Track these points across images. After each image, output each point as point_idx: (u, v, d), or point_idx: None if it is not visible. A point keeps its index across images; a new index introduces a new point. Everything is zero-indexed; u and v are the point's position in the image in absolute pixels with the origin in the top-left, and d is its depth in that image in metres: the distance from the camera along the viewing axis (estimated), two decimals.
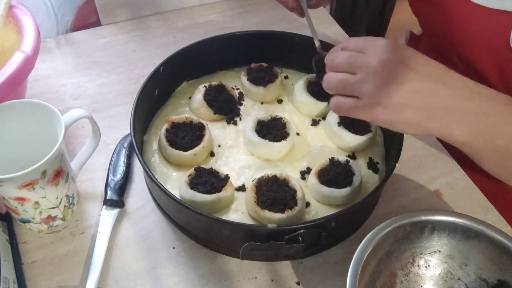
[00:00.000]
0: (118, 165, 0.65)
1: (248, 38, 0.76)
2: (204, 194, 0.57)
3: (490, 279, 0.52)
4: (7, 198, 0.53)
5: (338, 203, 0.61)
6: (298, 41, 0.75)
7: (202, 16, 0.94)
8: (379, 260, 0.51)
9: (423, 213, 0.52)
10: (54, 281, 0.55)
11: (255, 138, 0.64)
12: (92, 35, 0.88)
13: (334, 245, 0.60)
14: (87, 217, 0.61)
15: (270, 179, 0.59)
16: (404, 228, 0.51)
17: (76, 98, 0.77)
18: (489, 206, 0.65)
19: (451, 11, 0.65)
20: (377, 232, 0.50)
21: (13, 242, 0.58)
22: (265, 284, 0.56)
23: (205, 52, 0.74)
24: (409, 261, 0.54)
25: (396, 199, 0.65)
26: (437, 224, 0.52)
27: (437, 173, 0.68)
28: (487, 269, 0.52)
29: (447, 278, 0.54)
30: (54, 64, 0.82)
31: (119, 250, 0.59)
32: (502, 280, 0.51)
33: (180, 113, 0.70)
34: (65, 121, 0.54)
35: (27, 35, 0.62)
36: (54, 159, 0.52)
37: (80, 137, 0.70)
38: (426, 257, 0.54)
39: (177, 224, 0.60)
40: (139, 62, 0.83)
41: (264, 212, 0.56)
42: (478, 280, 0.52)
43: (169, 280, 0.56)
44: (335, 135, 0.67)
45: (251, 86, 0.72)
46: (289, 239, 0.52)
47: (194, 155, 0.63)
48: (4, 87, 0.56)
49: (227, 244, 0.57)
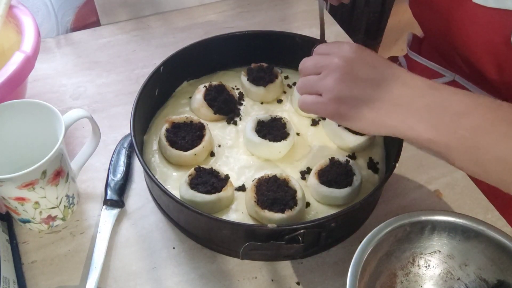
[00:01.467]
0: (118, 165, 0.65)
1: (248, 38, 0.75)
2: (204, 194, 0.57)
3: (490, 279, 0.52)
4: (7, 198, 0.53)
5: (338, 203, 0.61)
6: (298, 41, 0.75)
7: (202, 16, 0.94)
8: (379, 260, 0.51)
9: (423, 213, 0.52)
10: (54, 281, 0.55)
11: (255, 138, 0.64)
12: (92, 35, 0.88)
13: (334, 245, 0.60)
14: (87, 217, 0.61)
15: (270, 179, 0.59)
16: (404, 228, 0.51)
17: (76, 98, 0.77)
18: (489, 206, 0.65)
19: (451, 12, 0.65)
20: (377, 232, 0.50)
21: (13, 242, 0.58)
22: (265, 284, 0.56)
23: (205, 52, 0.74)
24: (409, 261, 0.54)
25: (396, 199, 0.65)
26: (437, 224, 0.52)
27: (437, 173, 0.68)
28: (487, 269, 0.52)
29: (447, 278, 0.54)
30: (54, 64, 0.82)
31: (119, 250, 0.59)
32: (502, 280, 0.51)
33: (180, 113, 0.70)
34: (65, 121, 0.54)
35: (27, 35, 0.62)
36: (54, 159, 0.52)
37: (80, 137, 0.70)
38: (426, 257, 0.54)
39: (177, 224, 0.60)
40: (139, 62, 0.83)
41: (264, 212, 0.56)
42: (478, 280, 0.52)
43: (169, 280, 0.56)
44: (335, 135, 0.67)
45: (251, 86, 0.72)
46: (289, 239, 0.52)
47: (194, 155, 0.63)
48: (4, 87, 0.56)
49: (227, 244, 0.57)
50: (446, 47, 0.73)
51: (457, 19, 0.65)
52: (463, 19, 0.64)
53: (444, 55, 0.77)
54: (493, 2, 0.59)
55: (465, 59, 0.68)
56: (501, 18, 0.59)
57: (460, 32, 0.65)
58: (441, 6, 0.67)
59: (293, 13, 0.96)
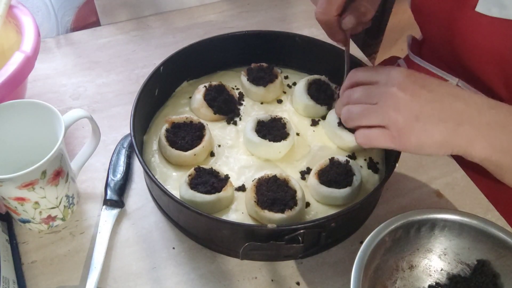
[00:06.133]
0: (118, 165, 0.65)
1: (248, 38, 0.75)
2: (204, 194, 0.57)
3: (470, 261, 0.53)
4: (7, 198, 0.53)
5: (338, 203, 0.61)
6: (298, 41, 0.75)
7: (202, 16, 0.94)
8: (381, 257, 0.51)
9: (421, 212, 0.52)
10: (54, 281, 0.55)
11: (255, 138, 0.64)
12: (92, 35, 0.88)
13: (334, 245, 0.60)
14: (87, 217, 0.61)
15: (270, 179, 0.59)
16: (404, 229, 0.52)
17: (76, 98, 0.77)
18: (489, 206, 0.65)
19: (454, 20, 0.65)
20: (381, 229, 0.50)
21: (13, 242, 0.58)
22: (265, 284, 0.56)
23: (205, 52, 0.74)
24: (409, 260, 0.54)
25: (396, 199, 0.65)
26: (436, 223, 0.52)
27: (437, 173, 0.68)
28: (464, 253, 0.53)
29: (450, 276, 0.54)
30: (54, 64, 0.82)
31: (119, 250, 0.59)
32: (482, 259, 0.52)
33: (180, 113, 0.70)
34: (65, 121, 0.54)
35: (27, 35, 0.62)
36: (54, 159, 0.52)
37: (80, 137, 0.70)
38: (429, 256, 0.54)
39: (177, 224, 0.60)
40: (139, 62, 0.83)
41: (264, 212, 0.56)
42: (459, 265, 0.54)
43: (169, 281, 0.56)
44: (335, 135, 0.67)
45: (251, 86, 0.72)
46: (289, 239, 0.52)
47: (194, 155, 0.63)
48: (4, 87, 0.56)
49: (227, 244, 0.57)
50: (448, 53, 0.72)
51: (460, 28, 0.64)
52: (466, 28, 0.64)
53: (445, 60, 0.76)
54: (496, 12, 0.59)
55: (468, 65, 0.68)
56: (505, 27, 0.59)
57: (464, 40, 0.65)
58: (443, 15, 0.67)
59: (293, 13, 0.96)
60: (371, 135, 0.50)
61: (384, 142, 0.49)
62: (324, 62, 0.74)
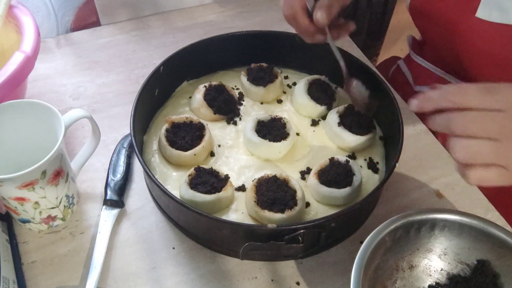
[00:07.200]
0: (118, 165, 0.65)
1: (248, 38, 0.75)
2: (204, 194, 0.57)
3: (470, 261, 0.53)
4: (7, 198, 0.53)
5: (338, 203, 0.61)
6: (298, 41, 0.75)
7: (202, 16, 0.94)
8: (381, 257, 0.51)
9: (421, 212, 0.52)
10: (54, 281, 0.55)
11: (255, 138, 0.64)
12: (92, 35, 0.88)
13: (334, 245, 0.60)
14: (87, 217, 0.61)
15: (270, 179, 0.59)
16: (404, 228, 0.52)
17: (76, 98, 0.77)
18: (489, 206, 0.65)
19: (455, 25, 0.65)
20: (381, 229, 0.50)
21: (13, 242, 0.58)
22: (265, 284, 0.56)
23: (205, 52, 0.74)
24: (409, 260, 0.54)
25: (396, 199, 0.65)
26: (436, 223, 0.52)
27: (437, 173, 0.68)
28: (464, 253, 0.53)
29: (450, 276, 0.54)
30: (54, 64, 0.82)
31: (119, 250, 0.58)
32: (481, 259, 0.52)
33: (180, 113, 0.70)
34: (65, 121, 0.54)
35: (27, 35, 0.62)
36: (54, 159, 0.52)
37: (80, 137, 0.70)
38: (429, 256, 0.54)
39: (177, 224, 0.60)
40: (139, 62, 0.83)
41: (264, 212, 0.56)
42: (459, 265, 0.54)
43: (169, 281, 0.56)
44: (335, 135, 0.67)
45: (251, 86, 0.72)
46: (289, 239, 0.52)
47: (194, 155, 0.63)
48: (4, 87, 0.56)
49: (227, 244, 0.57)
50: (449, 56, 0.72)
51: (461, 32, 0.64)
52: (467, 33, 0.64)
53: (445, 62, 0.76)
54: (496, 17, 0.59)
55: (469, 68, 0.68)
56: (506, 33, 0.59)
57: (464, 44, 0.65)
58: (444, 19, 0.67)
59: None
60: (487, 178, 0.43)
61: (501, 183, 0.43)
62: (324, 62, 0.74)
